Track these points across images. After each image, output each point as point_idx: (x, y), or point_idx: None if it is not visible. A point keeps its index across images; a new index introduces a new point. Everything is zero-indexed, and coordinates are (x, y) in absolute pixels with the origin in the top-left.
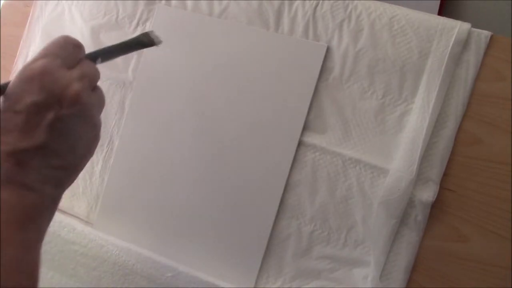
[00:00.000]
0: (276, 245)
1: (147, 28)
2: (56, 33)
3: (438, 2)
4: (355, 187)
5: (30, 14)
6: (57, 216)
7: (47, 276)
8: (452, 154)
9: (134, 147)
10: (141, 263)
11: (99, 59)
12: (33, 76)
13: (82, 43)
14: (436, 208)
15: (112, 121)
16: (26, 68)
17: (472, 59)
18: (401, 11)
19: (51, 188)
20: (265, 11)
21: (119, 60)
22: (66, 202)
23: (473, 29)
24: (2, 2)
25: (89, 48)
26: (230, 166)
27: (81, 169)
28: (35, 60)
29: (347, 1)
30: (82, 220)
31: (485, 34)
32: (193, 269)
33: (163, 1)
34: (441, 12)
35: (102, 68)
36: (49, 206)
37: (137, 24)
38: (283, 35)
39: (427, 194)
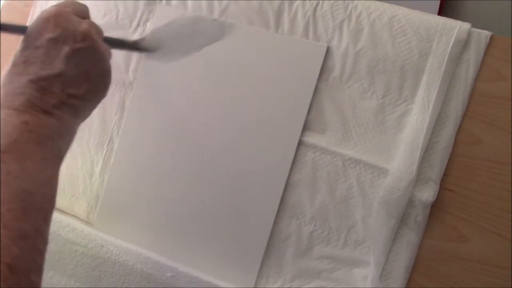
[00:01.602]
0: (276, 245)
1: (147, 29)
2: None
3: (438, 2)
4: (355, 187)
5: (30, 14)
6: (57, 216)
7: (46, 275)
8: (452, 154)
9: (134, 147)
10: (141, 263)
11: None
12: (49, 17)
13: (86, 7)
14: (436, 208)
15: (112, 121)
16: (42, 12)
17: (472, 59)
18: (401, 11)
19: (68, 115)
20: (265, 11)
21: (120, 60)
22: (66, 202)
23: (473, 29)
24: (2, 2)
25: None
26: (230, 166)
27: (95, 102)
28: (49, 7)
29: (347, 1)
30: (82, 220)
31: (485, 34)
32: (193, 269)
33: (163, 1)
34: (441, 12)
35: None
36: (67, 130)
37: (138, 25)
38: (283, 35)
39: (427, 194)
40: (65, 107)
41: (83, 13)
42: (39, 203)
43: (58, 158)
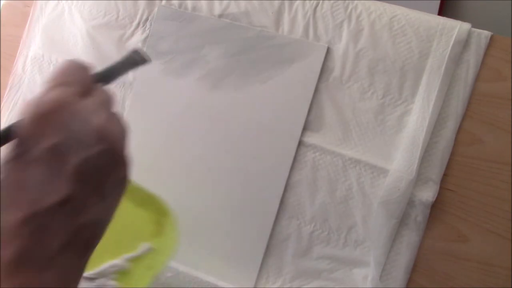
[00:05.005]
0: (276, 245)
1: (148, 29)
2: (56, 33)
3: (438, 2)
4: (355, 187)
5: (30, 14)
6: None
7: None
8: (452, 154)
9: (134, 147)
10: None
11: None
12: (48, 113)
13: (88, 65)
14: (436, 208)
15: None
16: (37, 104)
17: (472, 59)
18: (401, 11)
19: (75, 257)
20: (265, 11)
21: None
22: None
23: (473, 29)
24: (2, 2)
25: (88, 48)
26: (230, 166)
27: (109, 221)
28: (45, 92)
29: (347, 1)
30: None
31: (485, 34)
32: (193, 269)
33: (163, 1)
34: (441, 12)
35: None
36: (72, 280)
37: (138, 25)
38: (283, 35)
39: (427, 194)
40: (71, 248)
41: (88, 84)
42: None
43: None
